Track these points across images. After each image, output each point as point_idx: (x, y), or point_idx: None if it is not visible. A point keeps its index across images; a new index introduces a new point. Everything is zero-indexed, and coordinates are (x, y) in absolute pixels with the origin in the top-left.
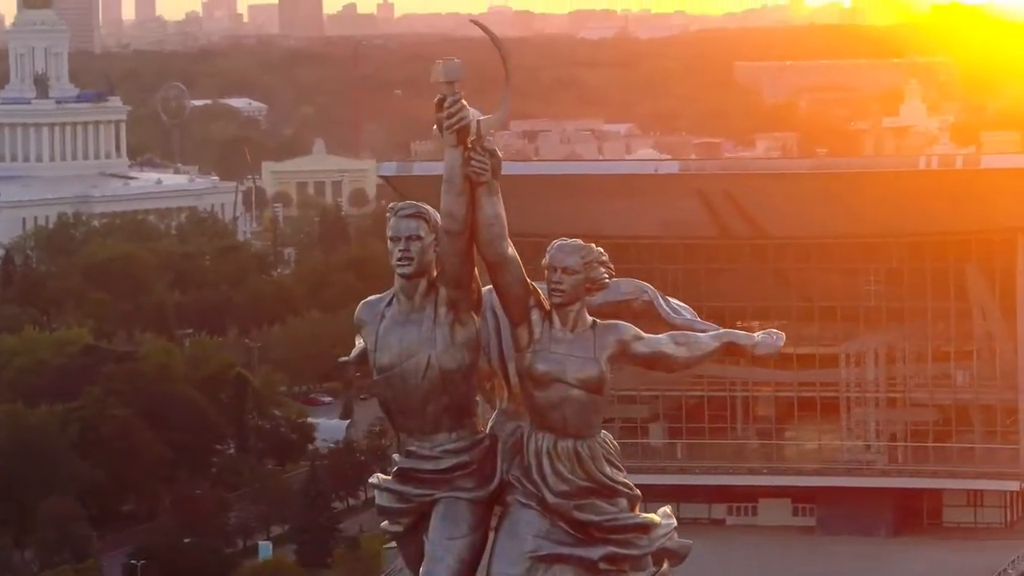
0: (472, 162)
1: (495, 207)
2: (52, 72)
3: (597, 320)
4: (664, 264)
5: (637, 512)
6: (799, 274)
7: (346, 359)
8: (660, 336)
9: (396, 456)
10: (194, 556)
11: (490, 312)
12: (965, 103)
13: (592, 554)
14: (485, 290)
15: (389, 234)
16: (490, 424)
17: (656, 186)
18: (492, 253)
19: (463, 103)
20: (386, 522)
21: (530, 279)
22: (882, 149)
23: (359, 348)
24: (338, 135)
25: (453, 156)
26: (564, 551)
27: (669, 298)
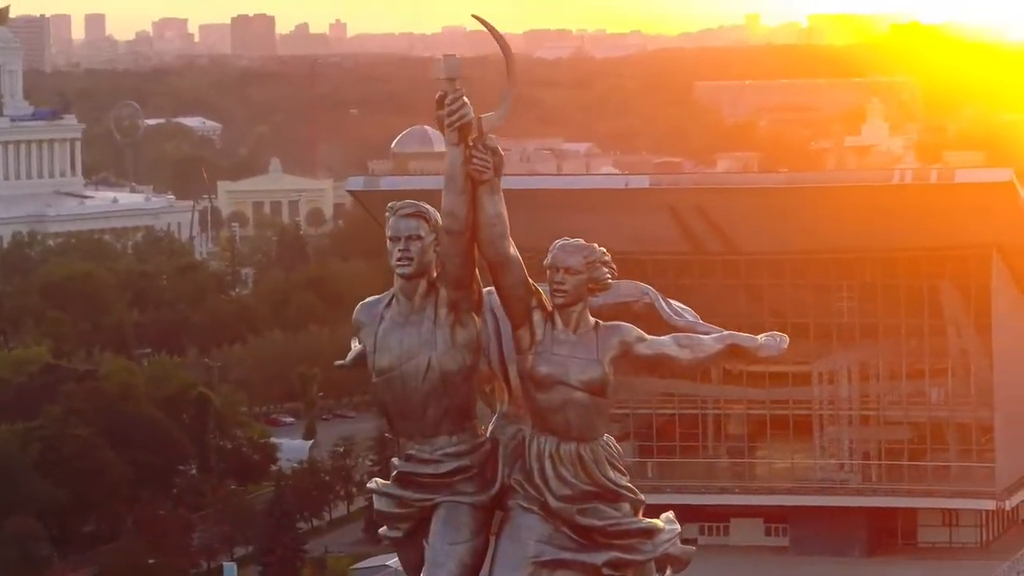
0: (474, 160)
1: (497, 206)
2: (6, 90)
3: (600, 321)
4: (634, 280)
5: (640, 517)
6: (771, 290)
7: (342, 363)
8: (663, 338)
9: (395, 460)
10: None
11: (489, 314)
12: (927, 123)
13: (595, 559)
14: (484, 291)
15: (388, 234)
16: (490, 427)
17: (626, 201)
18: (494, 253)
19: (464, 100)
20: (384, 528)
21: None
22: (845, 168)
23: (355, 351)
24: (294, 154)
25: (454, 154)
26: (567, 556)
27: (670, 300)
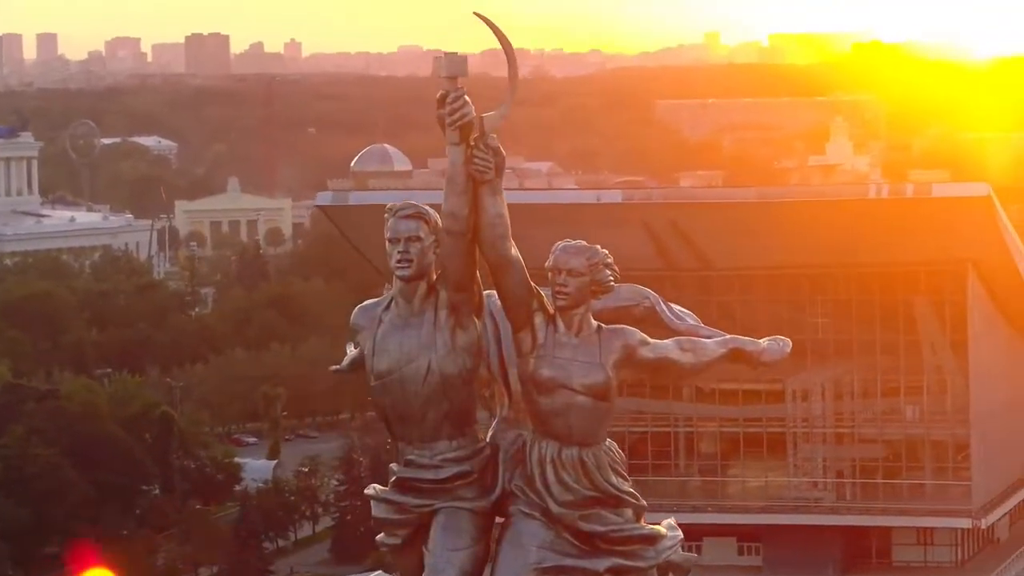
0: (475, 160)
1: (498, 207)
2: None
3: (602, 325)
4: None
5: (643, 523)
6: (744, 307)
7: (338, 367)
8: (666, 342)
9: (394, 466)
10: None
11: (488, 317)
12: (891, 141)
13: (597, 565)
14: (484, 294)
15: (387, 235)
16: (490, 432)
17: (598, 216)
18: (495, 254)
19: (466, 98)
20: (382, 535)
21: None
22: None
23: (351, 355)
24: (252, 173)
25: (455, 154)
26: (569, 562)
27: (671, 304)
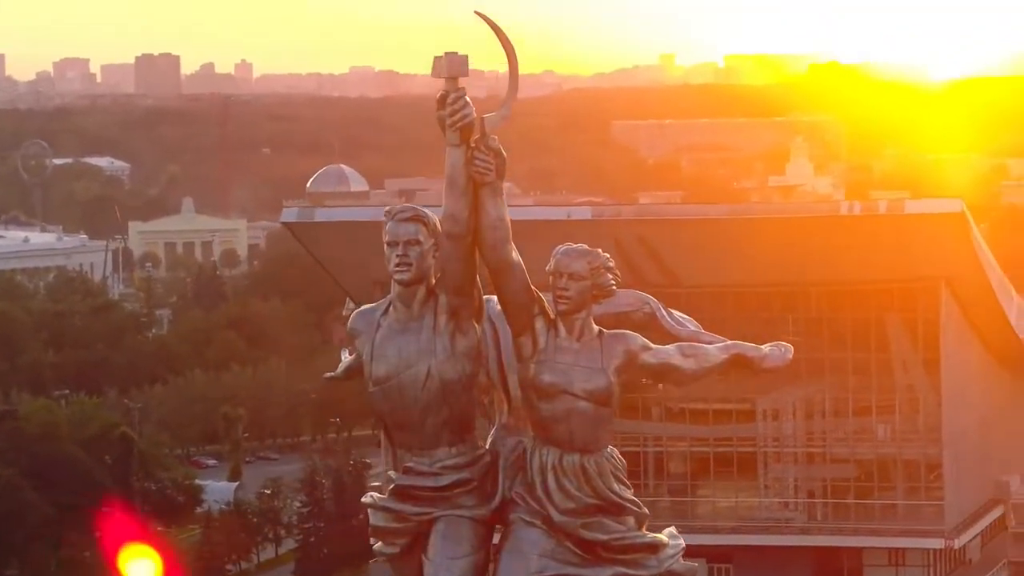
0: (476, 162)
1: (499, 209)
2: None
3: (604, 329)
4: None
5: (645, 531)
6: (714, 324)
7: (333, 374)
8: (668, 347)
9: (392, 473)
10: None
11: (487, 322)
12: (851, 162)
13: (600, 574)
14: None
15: (386, 239)
16: (489, 439)
17: (568, 233)
18: (496, 258)
19: (466, 99)
20: (379, 544)
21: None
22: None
23: (346, 362)
24: (206, 194)
25: (456, 156)
26: (570, 571)
27: (672, 310)
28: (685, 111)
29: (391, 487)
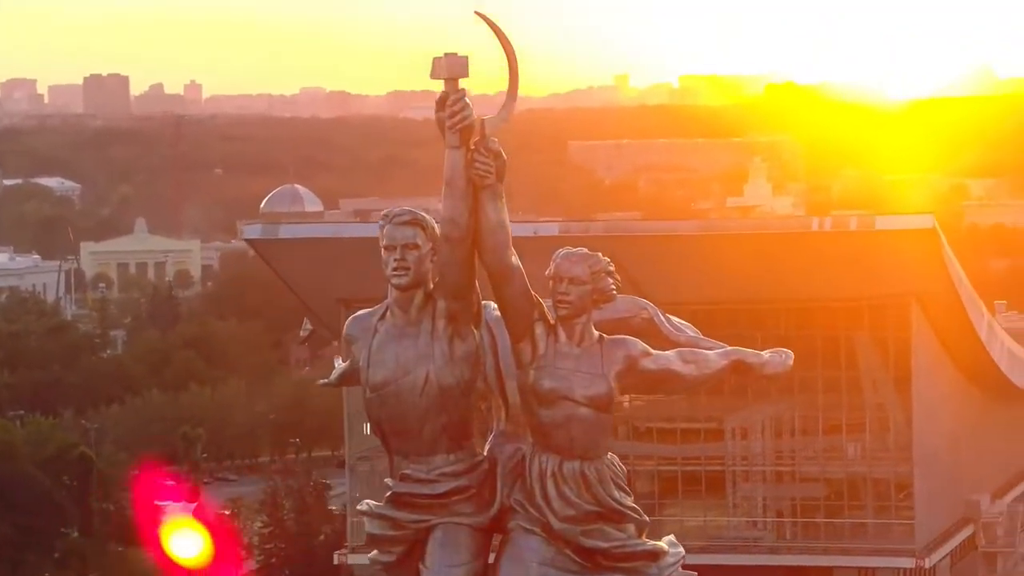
0: (476, 164)
1: (499, 213)
2: None
3: (604, 335)
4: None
5: (645, 539)
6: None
7: (326, 381)
8: (668, 353)
9: (389, 481)
10: None
11: (484, 327)
12: (809, 183)
13: None
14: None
15: (383, 243)
16: (487, 446)
17: (535, 249)
18: (496, 261)
19: (466, 101)
20: (375, 552)
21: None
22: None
23: (339, 369)
24: (159, 215)
25: (455, 158)
26: None
27: (670, 316)
28: (641, 132)
29: (388, 494)
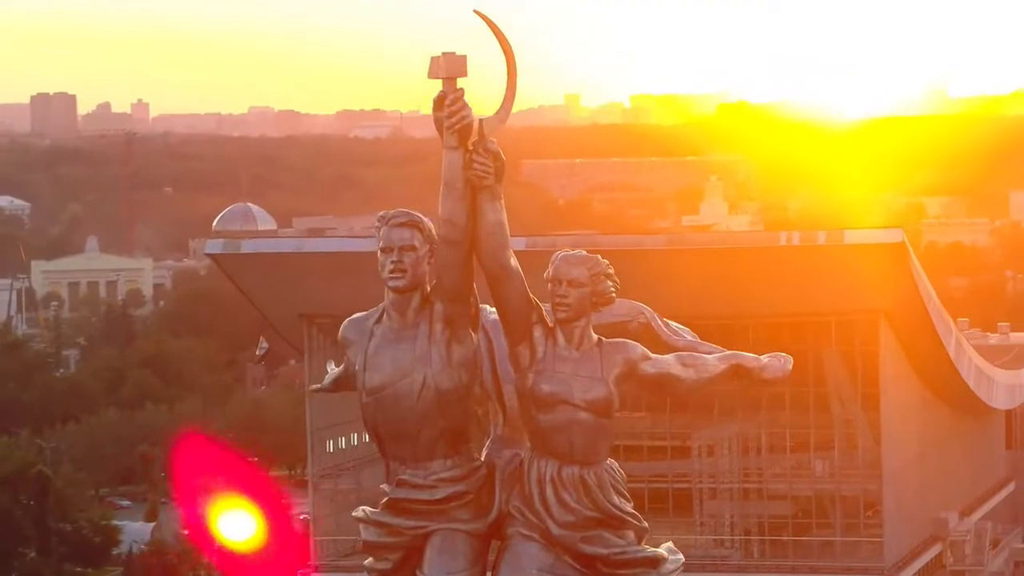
0: (474, 165)
1: (498, 214)
2: None
3: (603, 338)
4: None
5: (644, 545)
6: None
7: (319, 387)
8: (667, 357)
9: (385, 486)
10: None
11: (480, 331)
12: (765, 202)
13: None
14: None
15: (380, 245)
16: (484, 451)
17: None
18: (494, 263)
19: (465, 100)
20: (371, 559)
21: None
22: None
23: (332, 374)
24: (110, 233)
25: (453, 159)
26: None
27: (668, 320)
28: (593, 151)
29: (384, 500)
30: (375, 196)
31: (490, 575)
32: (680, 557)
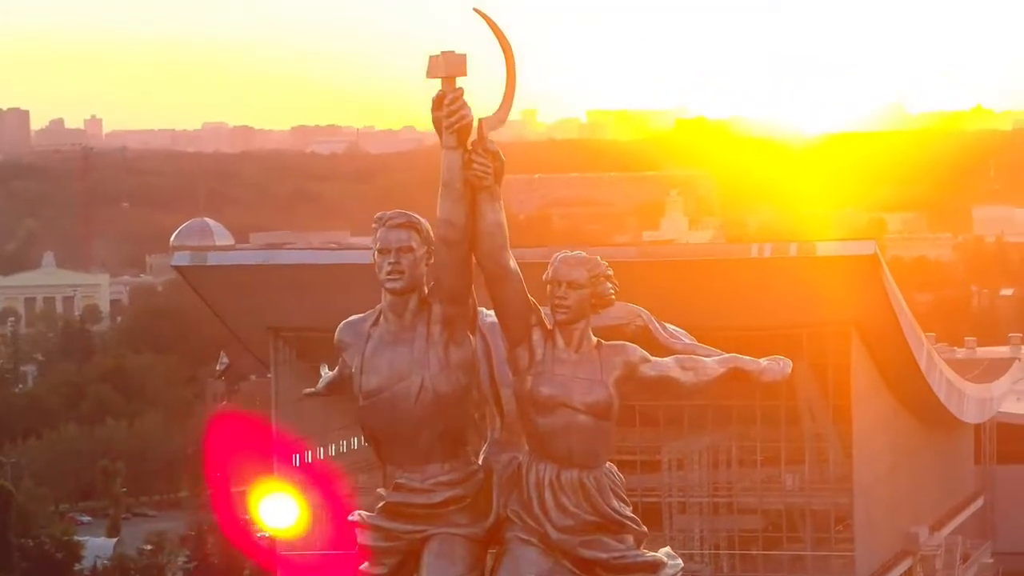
0: (474, 165)
1: (497, 214)
2: None
3: (602, 341)
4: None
5: (643, 550)
6: None
7: (312, 390)
8: (666, 360)
9: (381, 490)
10: None
11: (477, 333)
12: (725, 217)
13: None
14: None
15: (377, 246)
16: (482, 455)
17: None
18: (493, 264)
19: (464, 100)
20: (367, 564)
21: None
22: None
23: (326, 377)
24: (67, 249)
25: (452, 159)
26: None
27: (665, 323)
28: (550, 166)
29: (380, 504)
30: (332, 211)
31: None
32: (679, 562)
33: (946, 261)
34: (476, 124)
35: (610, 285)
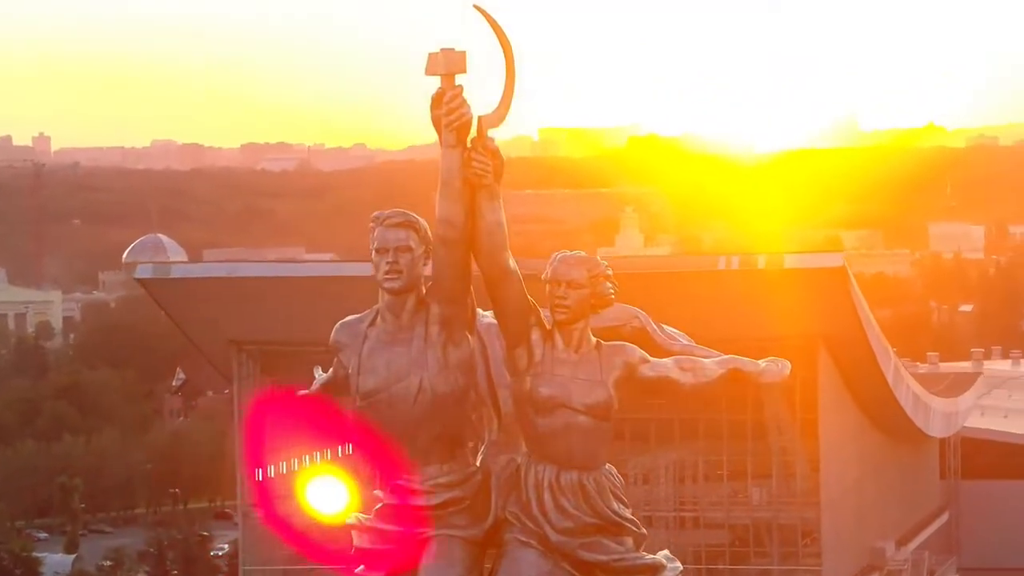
0: (473, 163)
1: (496, 213)
2: None
3: (601, 341)
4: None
5: (643, 552)
6: None
7: (307, 392)
8: (665, 360)
9: (378, 492)
10: None
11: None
12: (680, 234)
13: None
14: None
15: (375, 245)
16: (480, 456)
17: None
18: (493, 263)
19: (464, 98)
20: (363, 567)
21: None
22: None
23: (321, 379)
24: (18, 265)
25: (451, 157)
26: None
27: (663, 324)
28: (504, 184)
29: (378, 506)
30: (285, 228)
31: None
32: (678, 565)
33: (904, 277)
34: (476, 122)
35: (610, 285)
